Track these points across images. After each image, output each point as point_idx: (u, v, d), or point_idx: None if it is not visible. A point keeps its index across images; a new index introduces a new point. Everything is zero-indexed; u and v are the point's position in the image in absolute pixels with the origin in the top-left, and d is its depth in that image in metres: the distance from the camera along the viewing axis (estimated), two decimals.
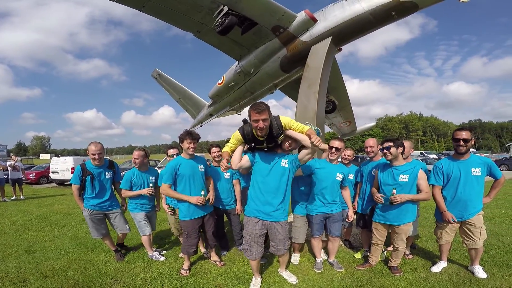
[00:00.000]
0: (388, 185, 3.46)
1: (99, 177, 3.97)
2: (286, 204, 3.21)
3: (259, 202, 3.14)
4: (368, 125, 12.28)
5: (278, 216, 3.14)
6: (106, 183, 4.05)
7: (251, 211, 3.19)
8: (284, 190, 3.14)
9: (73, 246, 4.80)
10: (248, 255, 3.22)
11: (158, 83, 11.26)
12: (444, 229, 3.52)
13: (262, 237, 3.20)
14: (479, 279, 3.35)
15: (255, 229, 3.14)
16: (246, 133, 3.02)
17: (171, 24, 5.83)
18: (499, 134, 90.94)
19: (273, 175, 3.12)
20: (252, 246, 3.18)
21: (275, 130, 2.94)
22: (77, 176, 3.89)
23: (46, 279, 3.58)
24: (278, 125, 2.94)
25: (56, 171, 14.88)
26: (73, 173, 3.96)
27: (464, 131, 3.32)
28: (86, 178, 3.88)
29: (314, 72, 5.49)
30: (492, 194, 3.49)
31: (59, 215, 7.55)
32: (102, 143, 4.01)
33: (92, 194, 3.91)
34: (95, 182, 3.92)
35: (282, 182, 3.13)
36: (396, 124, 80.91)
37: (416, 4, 4.91)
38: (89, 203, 3.92)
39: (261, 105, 2.80)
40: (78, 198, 3.95)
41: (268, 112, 2.81)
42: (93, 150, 3.88)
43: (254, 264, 3.31)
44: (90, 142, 3.95)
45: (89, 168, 3.93)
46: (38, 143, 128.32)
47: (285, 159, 3.15)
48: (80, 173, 3.89)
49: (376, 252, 3.74)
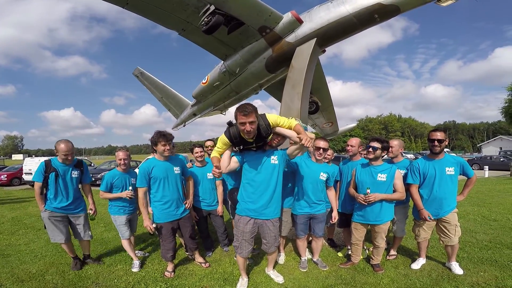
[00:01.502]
0: (366, 183, 3.55)
1: (64, 175, 3.65)
2: (277, 201, 3.21)
3: (250, 201, 3.14)
4: (349, 125, 12.59)
5: (269, 214, 3.15)
6: (72, 183, 3.73)
7: (242, 210, 3.19)
8: (275, 187, 3.15)
9: (50, 250, 4.59)
10: (239, 252, 3.24)
11: (140, 82, 11.00)
12: (422, 226, 3.66)
13: (253, 235, 3.21)
14: (456, 275, 3.50)
15: (246, 227, 3.15)
16: (233, 136, 2.95)
17: (155, 22, 5.71)
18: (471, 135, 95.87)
19: (263, 173, 3.12)
20: (242, 244, 3.19)
21: (264, 130, 2.91)
22: (40, 173, 3.57)
23: (23, 283, 3.42)
24: (266, 125, 2.90)
25: (29, 172, 14.16)
26: (36, 170, 3.63)
27: (438, 132, 3.48)
28: (49, 175, 3.56)
29: (298, 73, 5.55)
30: (465, 192, 3.67)
31: (33, 217, 7.20)
32: (72, 142, 3.73)
33: (55, 194, 3.60)
34: (59, 180, 3.60)
35: (272, 179, 3.13)
36: (376, 125, 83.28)
37: (398, 7, 5.07)
38: (52, 205, 3.61)
39: (248, 107, 2.73)
40: (39, 197, 3.61)
41: (255, 114, 2.77)
42: (64, 151, 3.57)
43: (241, 262, 3.32)
44: (59, 141, 3.64)
45: (54, 165, 3.63)
46: (10, 143, 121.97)
47: (274, 156, 3.15)
48: (43, 170, 3.58)
49: (357, 251, 3.83)
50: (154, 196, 3.55)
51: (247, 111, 2.71)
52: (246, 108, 2.71)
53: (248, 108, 2.72)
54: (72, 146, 3.71)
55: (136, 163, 15.82)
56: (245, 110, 2.71)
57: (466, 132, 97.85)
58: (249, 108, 2.73)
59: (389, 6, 5.05)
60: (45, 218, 3.64)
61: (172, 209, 3.56)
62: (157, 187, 3.51)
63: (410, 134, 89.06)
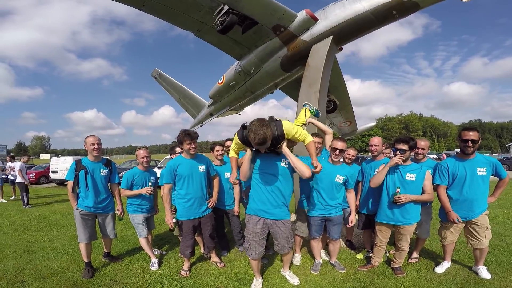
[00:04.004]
0: (394, 182, 3.40)
1: (93, 172, 3.71)
2: (287, 203, 3.17)
3: (260, 201, 3.11)
4: (368, 125, 12.26)
5: (279, 214, 3.11)
6: (101, 180, 3.78)
7: (252, 210, 3.16)
8: (285, 188, 3.11)
9: (72, 246, 4.75)
10: (249, 254, 3.19)
11: (158, 83, 11.24)
12: (449, 229, 3.48)
13: (263, 236, 3.16)
14: (483, 279, 3.32)
15: (256, 228, 3.11)
16: (245, 137, 2.89)
17: (171, 23, 5.80)
18: (499, 134, 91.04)
19: (273, 174, 3.09)
20: (252, 245, 3.14)
21: (276, 140, 2.88)
22: (72, 171, 3.68)
23: (45, 279, 3.54)
24: (278, 135, 2.84)
25: (56, 171, 14.85)
26: (68, 169, 3.74)
27: (472, 132, 3.27)
28: (79, 172, 3.64)
29: (315, 71, 5.47)
30: (497, 194, 3.48)
31: (58, 215, 7.51)
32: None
33: (86, 191, 3.65)
34: (88, 177, 3.65)
35: (282, 181, 3.10)
36: (396, 124, 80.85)
37: (417, 3, 4.89)
38: (83, 203, 3.65)
39: (262, 132, 2.62)
40: (72, 195, 3.67)
41: (270, 137, 2.68)
42: (92, 141, 3.68)
43: (254, 264, 3.27)
44: (88, 136, 3.76)
45: (84, 163, 3.71)
46: (38, 143, 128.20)
47: (286, 159, 3.10)
48: (74, 168, 3.68)
49: (379, 253, 3.69)
50: (178, 193, 3.61)
51: (264, 139, 2.64)
52: (261, 134, 2.62)
53: (263, 133, 2.63)
54: (99, 139, 3.79)
55: (156, 162, 16.18)
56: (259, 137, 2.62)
57: (494, 132, 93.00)
58: (264, 133, 2.63)
59: (407, 2, 4.88)
60: (76, 216, 3.69)
61: (194, 207, 3.59)
62: (181, 184, 3.57)
63: (433, 134, 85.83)
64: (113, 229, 3.98)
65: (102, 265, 3.96)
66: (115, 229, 4.02)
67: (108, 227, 3.92)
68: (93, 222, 3.80)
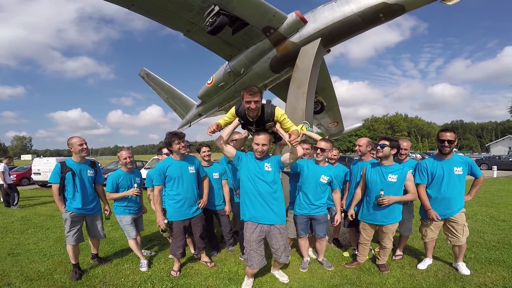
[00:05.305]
0: (376, 184, 3.52)
1: (81, 174, 3.63)
2: (280, 206, 3.17)
3: (251, 207, 3.13)
4: (355, 125, 12.55)
5: (273, 219, 3.10)
6: (88, 182, 3.73)
7: (246, 216, 3.18)
8: (274, 193, 3.12)
9: (58, 249, 4.66)
10: (249, 265, 3.13)
11: (145, 83, 11.11)
12: (429, 226, 3.63)
13: (260, 244, 3.12)
14: (463, 275, 3.47)
15: (252, 236, 3.08)
16: (240, 110, 3.23)
17: (160, 23, 5.76)
18: (479, 134, 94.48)
19: (258, 179, 3.11)
20: (251, 254, 3.10)
21: (267, 115, 3.18)
22: (57, 174, 3.54)
23: (32, 282, 3.48)
24: (270, 112, 3.17)
25: (38, 172, 14.40)
26: (52, 172, 3.57)
27: (448, 132, 3.42)
28: (66, 175, 3.54)
29: (303, 73, 5.56)
30: (473, 192, 3.64)
31: (42, 217, 7.33)
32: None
33: (75, 193, 3.57)
34: (76, 179, 3.56)
35: (268, 185, 3.10)
36: (382, 125, 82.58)
37: (403, 6, 5.05)
38: (72, 205, 3.57)
39: (254, 88, 2.99)
40: (58, 198, 3.55)
41: (260, 94, 3.03)
42: (79, 141, 3.62)
43: (250, 273, 3.26)
44: (71, 137, 3.68)
45: (69, 164, 3.61)
46: (19, 144, 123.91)
47: (268, 163, 3.16)
48: (59, 170, 3.55)
49: (364, 250, 3.81)
50: (168, 194, 3.62)
51: (253, 91, 2.97)
52: (253, 89, 2.98)
53: (254, 88, 2.99)
54: (84, 139, 3.74)
55: (142, 163, 15.94)
56: (251, 90, 2.98)
57: (474, 132, 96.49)
58: (255, 89, 3.00)
59: (394, 5, 5.02)
60: (67, 220, 3.61)
61: (185, 208, 3.61)
62: (171, 186, 3.58)
63: (417, 134, 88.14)
64: (102, 229, 3.95)
65: (91, 266, 3.92)
66: (103, 229, 3.99)
67: (97, 227, 3.88)
68: (81, 223, 3.76)
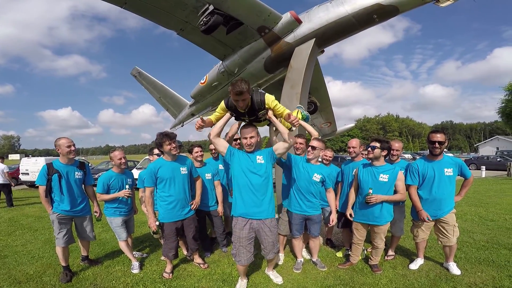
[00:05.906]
0: (368, 183, 3.54)
1: (67, 176, 3.56)
2: (270, 200, 3.16)
3: (242, 202, 3.11)
4: (347, 126, 12.65)
5: (263, 214, 3.10)
6: (76, 184, 3.65)
7: (237, 212, 3.17)
8: (266, 186, 3.13)
9: (47, 251, 4.56)
10: (237, 260, 3.16)
11: (138, 82, 10.98)
12: (420, 227, 3.67)
13: (250, 241, 3.14)
14: (454, 275, 3.51)
15: (242, 232, 3.09)
16: (230, 104, 3.12)
17: (153, 22, 5.69)
18: (468, 135, 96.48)
19: (251, 173, 3.09)
20: (240, 250, 3.12)
21: (257, 104, 3.07)
22: (43, 176, 3.48)
23: (20, 284, 3.40)
24: (261, 101, 3.06)
25: (26, 172, 14.08)
26: (39, 174, 3.52)
27: (439, 134, 3.47)
28: (52, 177, 3.48)
29: (297, 73, 5.56)
30: (463, 193, 3.70)
31: (30, 218, 7.16)
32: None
33: (61, 196, 3.50)
34: (62, 181, 3.50)
35: (261, 179, 3.10)
36: (374, 125, 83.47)
37: (397, 8, 5.09)
38: (59, 207, 3.51)
39: (240, 86, 2.83)
40: (45, 199, 3.51)
41: (247, 91, 2.90)
42: (67, 143, 3.53)
43: (241, 269, 3.27)
44: (58, 138, 3.60)
45: (56, 166, 3.54)
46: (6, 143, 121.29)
47: (260, 155, 3.15)
48: (45, 172, 3.49)
49: (356, 251, 3.83)
50: (160, 195, 3.56)
51: (239, 91, 2.83)
52: (238, 87, 2.83)
53: (240, 86, 2.83)
54: (72, 140, 3.65)
55: (134, 163, 15.74)
56: (237, 90, 2.83)
57: (463, 132, 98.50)
58: (241, 86, 2.83)
59: (388, 6, 5.07)
60: (54, 221, 3.54)
61: (177, 209, 3.56)
62: (163, 187, 3.52)
63: (408, 134, 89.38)
64: (92, 231, 3.88)
65: (81, 269, 3.84)
66: (93, 230, 3.92)
67: (86, 229, 3.81)
68: (70, 225, 3.68)
